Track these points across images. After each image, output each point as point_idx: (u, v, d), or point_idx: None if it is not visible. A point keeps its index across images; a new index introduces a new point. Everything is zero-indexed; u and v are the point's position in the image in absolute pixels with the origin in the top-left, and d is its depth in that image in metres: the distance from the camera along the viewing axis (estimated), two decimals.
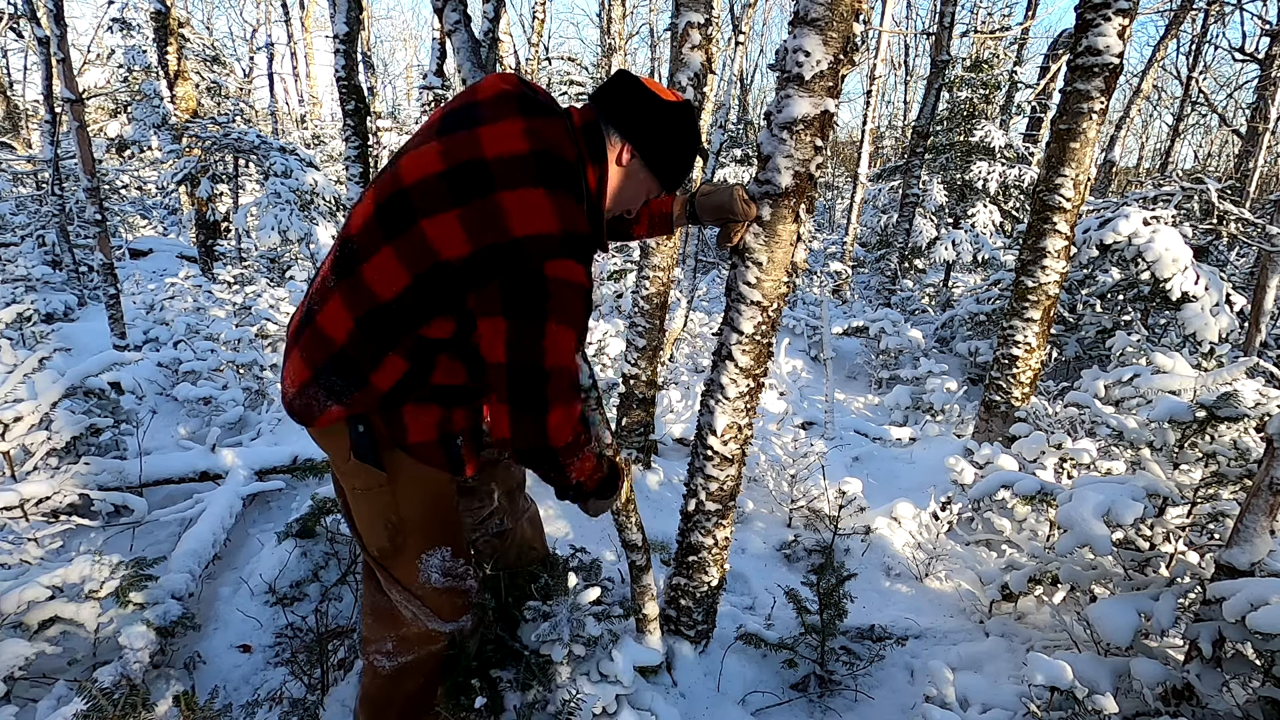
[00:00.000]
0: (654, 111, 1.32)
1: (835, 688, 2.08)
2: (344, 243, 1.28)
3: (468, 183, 1.16)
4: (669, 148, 1.36)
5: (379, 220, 1.23)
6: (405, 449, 1.36)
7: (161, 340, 5.50)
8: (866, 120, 10.86)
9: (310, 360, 1.31)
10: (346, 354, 1.27)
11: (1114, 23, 3.37)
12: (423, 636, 1.55)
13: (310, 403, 1.33)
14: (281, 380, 1.39)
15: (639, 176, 1.39)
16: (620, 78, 1.34)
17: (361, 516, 1.46)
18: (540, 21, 11.09)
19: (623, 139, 1.33)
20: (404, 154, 1.27)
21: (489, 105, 1.24)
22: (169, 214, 13.75)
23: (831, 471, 3.57)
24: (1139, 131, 23.25)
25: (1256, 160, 9.51)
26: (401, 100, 28.65)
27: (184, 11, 21.71)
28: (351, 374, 1.28)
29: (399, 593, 1.49)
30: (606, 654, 1.63)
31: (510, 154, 1.17)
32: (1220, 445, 2.09)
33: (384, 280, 1.22)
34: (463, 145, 1.19)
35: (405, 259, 1.19)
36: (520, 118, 1.22)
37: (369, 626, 1.58)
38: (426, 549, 1.46)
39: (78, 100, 5.11)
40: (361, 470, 1.37)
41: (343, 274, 1.27)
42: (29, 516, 2.37)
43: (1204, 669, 1.71)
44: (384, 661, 1.56)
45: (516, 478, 1.85)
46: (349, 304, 1.25)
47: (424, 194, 1.19)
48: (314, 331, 1.30)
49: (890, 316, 7.00)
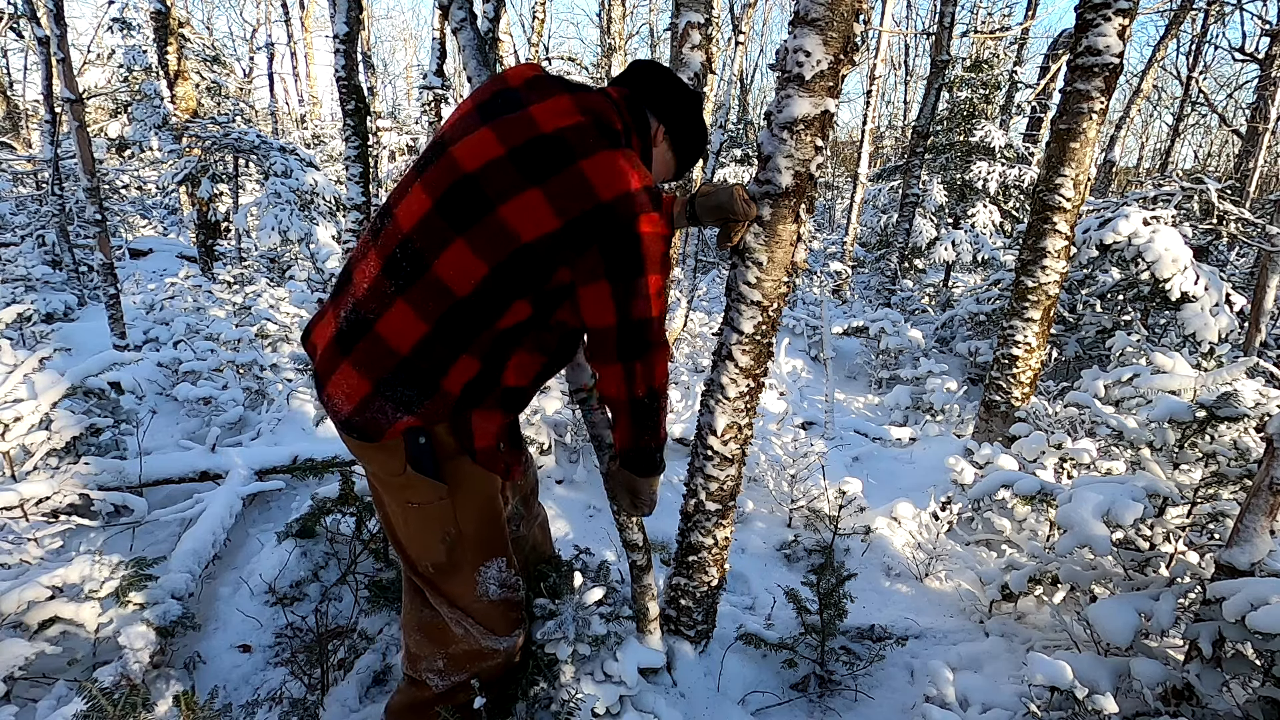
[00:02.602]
0: (683, 96, 1.41)
1: (835, 688, 2.08)
2: (402, 243, 1.22)
3: (540, 159, 1.16)
4: (690, 132, 1.44)
5: (443, 214, 1.19)
6: (472, 455, 1.33)
7: (161, 340, 5.49)
8: (866, 120, 10.86)
9: (370, 373, 1.24)
10: (414, 362, 1.22)
11: (1114, 23, 3.37)
12: (475, 654, 1.50)
13: (376, 417, 1.25)
14: (327, 398, 1.30)
15: (665, 158, 1.46)
16: (651, 66, 1.41)
17: (413, 531, 1.41)
18: (540, 21, 11.09)
19: (658, 120, 1.39)
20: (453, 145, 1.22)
21: (528, 88, 1.25)
22: (169, 214, 13.75)
23: (831, 471, 3.57)
24: (1139, 131, 23.28)
25: (1256, 160, 9.50)
26: (401, 100, 28.64)
27: (184, 11, 21.72)
28: (421, 382, 1.23)
29: (450, 609, 1.45)
30: (611, 654, 1.62)
31: (571, 125, 1.19)
32: (1220, 445, 2.09)
33: (460, 274, 1.19)
34: (518, 126, 1.19)
35: (481, 249, 1.17)
36: (566, 93, 1.24)
37: (416, 643, 1.53)
38: (484, 561, 1.43)
39: (78, 100, 5.11)
40: (419, 483, 1.32)
41: (410, 276, 1.21)
42: (29, 516, 2.37)
43: (1204, 669, 1.71)
44: (436, 680, 1.52)
45: (531, 483, 1.84)
46: (421, 307, 1.21)
47: (493, 179, 1.16)
48: (373, 341, 1.23)
49: (890, 316, 6.99)
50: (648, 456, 1.43)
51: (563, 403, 3.58)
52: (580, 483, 3.54)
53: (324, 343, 1.32)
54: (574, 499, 3.41)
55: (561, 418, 3.54)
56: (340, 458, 3.10)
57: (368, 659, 2.01)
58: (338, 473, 2.72)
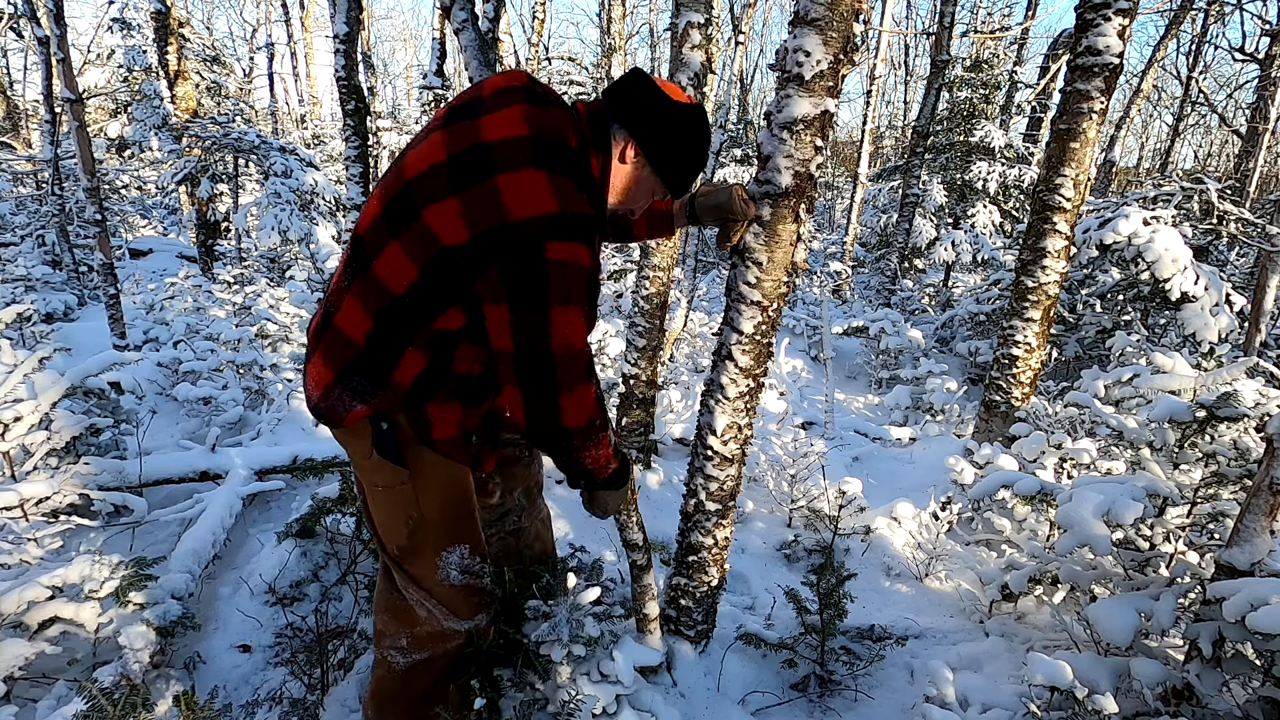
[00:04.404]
0: (660, 110, 1.30)
1: (835, 688, 2.08)
2: (355, 242, 1.29)
3: (467, 169, 1.16)
4: (675, 148, 1.34)
5: (385, 216, 1.24)
6: (431, 445, 1.36)
7: (161, 340, 5.50)
8: (866, 120, 10.86)
9: (332, 362, 1.31)
10: (368, 354, 1.28)
11: (1114, 23, 3.37)
12: (438, 635, 1.54)
13: (335, 405, 1.33)
14: (304, 384, 1.40)
15: (644, 176, 1.37)
16: (632, 75, 1.33)
17: (381, 514, 1.46)
18: (540, 21, 11.10)
19: (627, 135, 1.31)
20: (409, 150, 1.27)
21: (493, 97, 1.25)
22: (169, 214, 13.75)
23: (831, 471, 3.57)
24: (1139, 131, 23.27)
25: (1256, 160, 9.50)
26: (401, 100, 28.64)
27: (184, 11, 21.72)
28: (374, 373, 1.29)
29: (416, 591, 1.49)
30: (607, 654, 1.62)
31: (509, 137, 1.17)
32: (1220, 445, 2.09)
33: (394, 275, 1.22)
34: (465, 133, 1.20)
35: (411, 252, 1.20)
36: (523, 104, 1.22)
37: (384, 622, 1.57)
38: (446, 546, 1.46)
39: (78, 100, 5.11)
40: (383, 467, 1.37)
41: (356, 273, 1.28)
42: (29, 516, 2.37)
43: (1204, 669, 1.71)
44: (398, 658, 1.55)
45: (536, 477, 1.84)
46: (365, 302, 1.27)
47: (425, 184, 1.19)
48: (334, 333, 1.31)
49: (890, 316, 7.00)
50: (578, 476, 1.41)
51: None
52: None
53: (309, 334, 1.41)
54: (574, 499, 3.41)
55: None
56: (340, 458, 3.10)
57: (368, 659, 2.01)
58: (338, 473, 2.73)
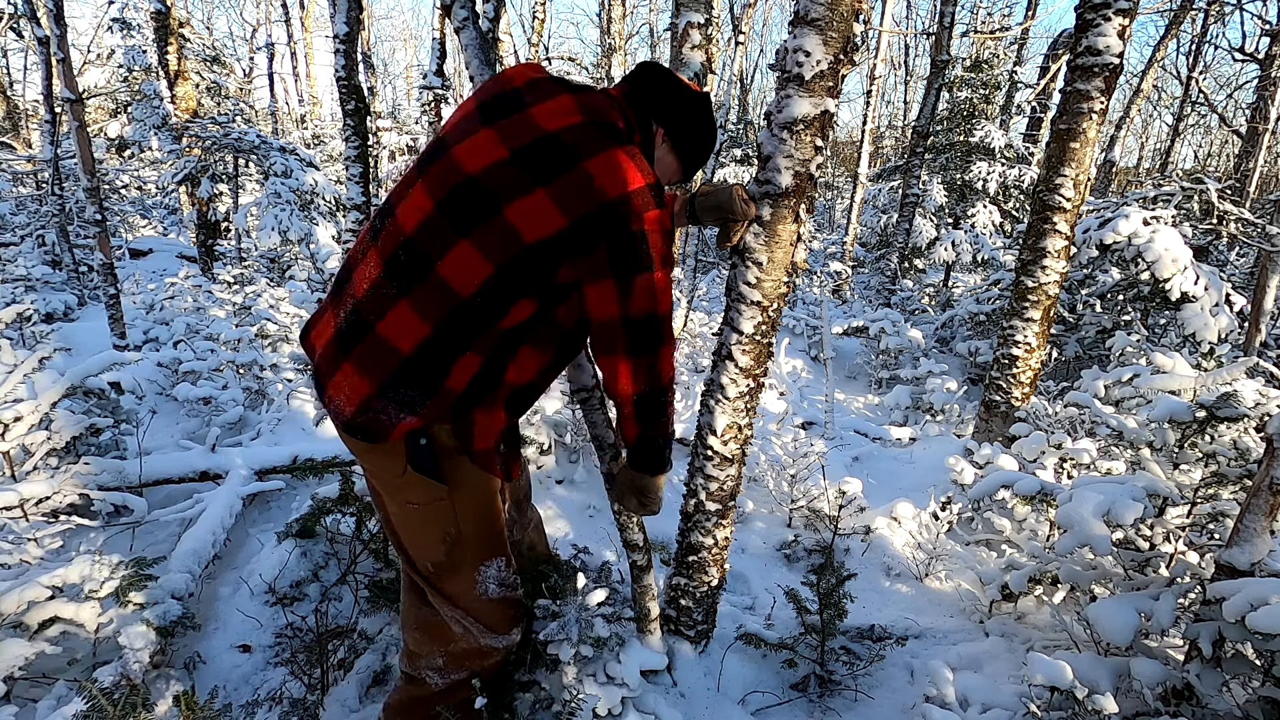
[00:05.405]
0: (684, 98, 1.40)
1: (835, 688, 2.08)
2: (404, 245, 1.22)
3: (544, 160, 1.17)
4: (694, 134, 1.44)
5: (446, 215, 1.20)
6: (470, 455, 1.34)
7: (161, 340, 5.50)
8: (866, 120, 10.86)
9: (371, 374, 1.24)
10: (414, 363, 1.23)
11: (1114, 23, 3.37)
12: (475, 652, 1.50)
13: (379, 418, 1.25)
14: (328, 399, 1.30)
15: (667, 160, 1.45)
16: (650, 67, 1.41)
17: (414, 532, 1.42)
18: (540, 21, 11.10)
19: (657, 123, 1.39)
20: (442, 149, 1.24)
21: (528, 89, 1.27)
22: (169, 214, 13.75)
23: (831, 471, 3.57)
24: (1139, 131, 23.27)
25: (1256, 160, 9.50)
26: (401, 100, 28.64)
27: (184, 11, 21.72)
28: (424, 382, 1.24)
29: (450, 608, 1.45)
30: (614, 656, 1.63)
31: (572, 124, 1.20)
32: (1220, 445, 2.09)
33: (464, 275, 1.19)
34: (520, 127, 1.20)
35: (488, 250, 1.18)
36: (567, 93, 1.25)
37: (416, 640, 1.54)
38: (484, 561, 1.44)
39: (78, 100, 5.11)
40: (420, 483, 1.32)
41: (412, 278, 1.21)
42: (29, 516, 2.37)
43: (1204, 669, 1.71)
44: (436, 678, 1.52)
45: (523, 488, 1.85)
46: (425, 308, 1.21)
47: (497, 181, 1.18)
48: (374, 342, 1.24)
49: (890, 316, 6.99)
50: (656, 453, 1.43)
51: (563, 403, 3.58)
52: (580, 483, 3.54)
53: (323, 343, 1.32)
54: (574, 499, 3.41)
55: (561, 418, 3.54)
56: (340, 458, 3.10)
57: (368, 659, 2.01)
58: (338, 473, 2.72)
